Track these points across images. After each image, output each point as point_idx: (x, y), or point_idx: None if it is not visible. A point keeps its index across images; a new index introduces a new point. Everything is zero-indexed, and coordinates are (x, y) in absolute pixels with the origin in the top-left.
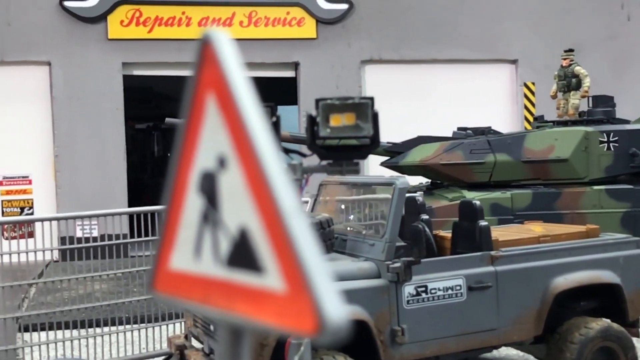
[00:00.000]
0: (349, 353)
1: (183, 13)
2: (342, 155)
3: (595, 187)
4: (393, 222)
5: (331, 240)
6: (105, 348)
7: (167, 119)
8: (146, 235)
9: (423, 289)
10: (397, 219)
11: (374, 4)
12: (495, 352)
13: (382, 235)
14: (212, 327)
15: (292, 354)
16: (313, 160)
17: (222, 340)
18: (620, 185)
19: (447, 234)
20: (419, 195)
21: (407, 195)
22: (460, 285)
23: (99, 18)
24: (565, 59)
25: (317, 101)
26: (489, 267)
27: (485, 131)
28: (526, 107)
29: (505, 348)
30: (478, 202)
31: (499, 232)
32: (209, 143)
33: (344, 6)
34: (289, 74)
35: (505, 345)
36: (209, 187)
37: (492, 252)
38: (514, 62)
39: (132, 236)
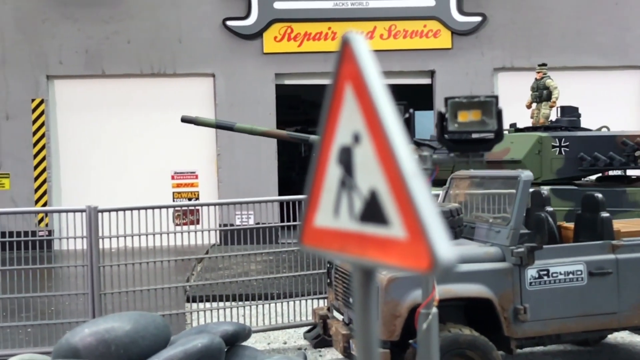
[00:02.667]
0: (475, 328)
1: (329, 28)
2: (469, 147)
3: (544, 187)
4: (518, 211)
5: (460, 227)
6: (259, 317)
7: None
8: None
9: (545, 272)
10: (521, 209)
11: (506, 16)
12: (619, 339)
13: (507, 223)
14: (351, 300)
15: (421, 322)
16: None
17: (356, 280)
18: (565, 185)
19: (570, 225)
20: (544, 190)
21: (534, 189)
22: (581, 271)
23: (255, 35)
24: (538, 72)
25: (447, 99)
26: (610, 255)
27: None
28: None
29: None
30: (600, 195)
31: (620, 224)
32: (347, 123)
33: (478, 18)
34: (426, 81)
35: (626, 329)
36: (346, 158)
37: (614, 242)
38: None
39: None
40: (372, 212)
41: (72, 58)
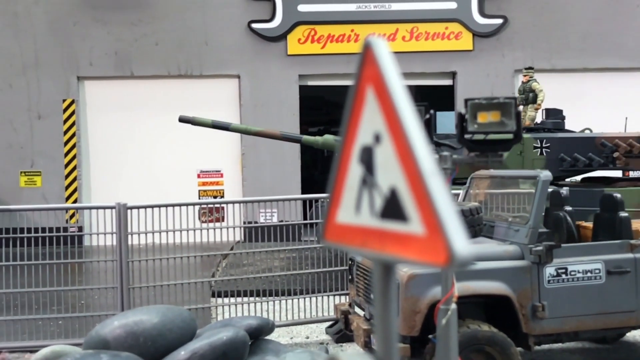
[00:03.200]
0: (494, 324)
1: (352, 31)
2: (488, 147)
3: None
4: (536, 210)
5: (479, 225)
6: (282, 312)
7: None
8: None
9: (563, 270)
10: (540, 208)
11: (527, 19)
12: (638, 337)
13: (526, 222)
14: (372, 296)
15: (440, 318)
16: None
17: (376, 274)
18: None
19: (588, 224)
20: (563, 190)
21: (553, 189)
22: (599, 269)
23: (280, 37)
24: (525, 76)
25: (466, 101)
26: (628, 255)
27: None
28: None
29: None
30: (619, 195)
31: (639, 224)
32: (368, 124)
33: (499, 21)
34: (447, 82)
35: None
36: (367, 157)
37: (632, 241)
38: None
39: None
40: (392, 209)
41: (102, 60)
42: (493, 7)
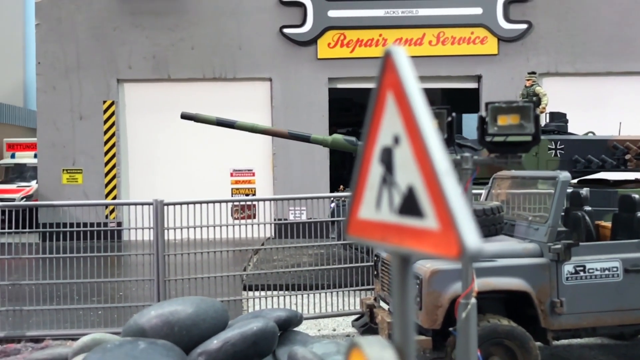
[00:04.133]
0: (513, 319)
1: (380, 35)
2: (508, 149)
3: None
4: (555, 209)
5: (500, 224)
6: (310, 306)
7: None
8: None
9: (581, 268)
10: (559, 207)
11: (551, 24)
12: None
13: (545, 221)
14: None
15: (460, 311)
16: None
17: (395, 266)
18: None
19: (607, 224)
20: (583, 190)
21: (573, 190)
22: (617, 267)
23: (310, 42)
24: (528, 80)
25: (487, 104)
26: None
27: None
28: None
29: None
30: (637, 196)
31: None
32: (388, 126)
33: (524, 26)
34: (472, 85)
35: None
36: (387, 158)
37: None
38: None
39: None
40: (409, 205)
41: (141, 63)
42: (518, 12)
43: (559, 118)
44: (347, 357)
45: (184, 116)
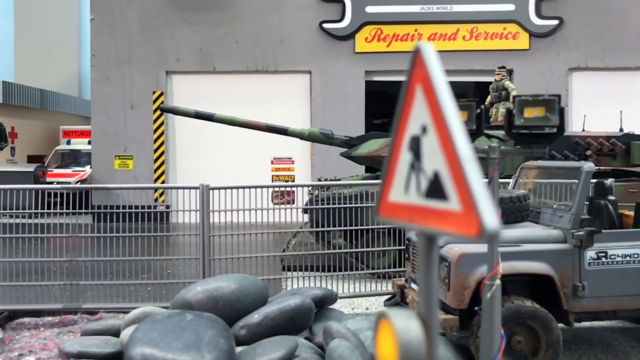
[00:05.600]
0: (536, 301)
1: (415, 30)
2: (533, 140)
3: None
4: (579, 198)
5: (526, 211)
6: (345, 286)
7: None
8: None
9: (603, 254)
10: (583, 196)
11: (582, 20)
12: None
13: (569, 209)
14: None
15: (486, 292)
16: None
17: (421, 245)
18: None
19: (630, 212)
20: (608, 181)
21: (597, 180)
22: (638, 254)
23: (348, 36)
24: (498, 74)
25: (514, 97)
26: None
27: None
28: None
29: None
30: None
31: None
32: (416, 117)
33: (555, 22)
34: None
35: None
36: (415, 146)
37: None
38: None
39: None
40: (435, 189)
41: (188, 56)
42: (549, 8)
43: None
44: (377, 327)
45: (163, 109)
